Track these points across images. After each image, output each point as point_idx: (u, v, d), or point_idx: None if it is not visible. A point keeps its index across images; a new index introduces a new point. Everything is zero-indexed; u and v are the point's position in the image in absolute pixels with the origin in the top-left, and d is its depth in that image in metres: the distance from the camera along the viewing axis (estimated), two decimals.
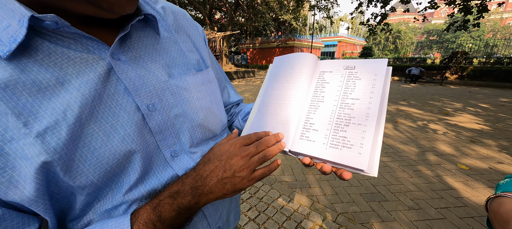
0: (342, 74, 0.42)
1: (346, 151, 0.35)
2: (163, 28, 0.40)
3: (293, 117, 0.41)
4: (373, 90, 0.38)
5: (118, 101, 0.31)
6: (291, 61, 0.47)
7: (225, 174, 0.35)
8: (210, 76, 0.45)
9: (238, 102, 0.64)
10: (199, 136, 0.41)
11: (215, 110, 0.44)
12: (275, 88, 0.47)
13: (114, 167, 0.30)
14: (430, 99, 6.71)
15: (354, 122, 0.36)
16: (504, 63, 11.13)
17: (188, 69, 0.41)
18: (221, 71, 0.58)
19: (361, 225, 1.70)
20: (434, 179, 2.32)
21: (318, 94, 0.42)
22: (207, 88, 0.43)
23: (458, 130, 3.87)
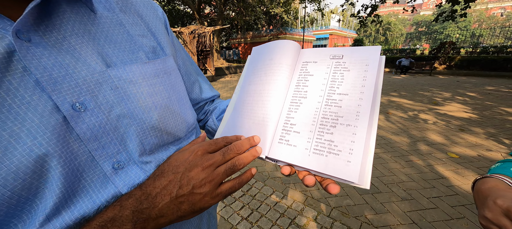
0: (328, 64, 0.36)
1: (332, 158, 0.29)
2: (102, 6, 0.32)
3: (271, 117, 0.35)
4: (365, 84, 0.32)
5: (24, 99, 0.23)
6: (270, 51, 0.40)
7: (181, 191, 0.28)
8: (168, 65, 0.37)
9: (213, 98, 0.56)
10: (154, 141, 0.33)
11: (175, 108, 0.36)
12: (252, 82, 0.40)
13: (18, 191, 0.22)
14: (420, 90, 6.82)
15: (342, 122, 0.31)
16: (489, 52, 11.44)
17: (136, 57, 0.33)
18: (191, 62, 0.50)
19: (355, 219, 1.68)
20: (425, 168, 2.33)
21: (300, 88, 0.36)
22: (164, 80, 0.35)
23: (448, 119, 3.93)
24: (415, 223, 1.62)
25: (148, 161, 0.32)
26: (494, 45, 13.10)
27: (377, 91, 0.32)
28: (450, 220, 1.64)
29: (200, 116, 0.55)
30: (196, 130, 0.44)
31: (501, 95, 5.81)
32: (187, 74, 0.47)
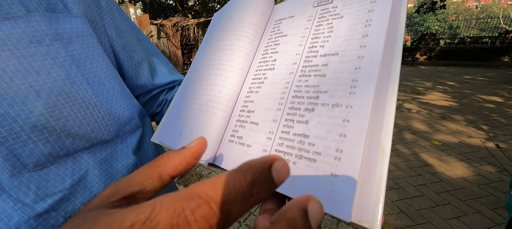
0: (310, 15, 0.24)
1: (304, 167, 0.17)
2: None
3: (220, 102, 0.24)
4: (369, 32, 0.19)
5: None
6: (230, 8, 0.29)
7: None
8: (68, 29, 0.25)
9: (173, 85, 0.44)
10: (42, 149, 0.21)
11: (85, 94, 0.25)
12: (203, 54, 0.29)
13: None
14: (404, 80, 7.01)
15: (325, 101, 0.19)
16: (466, 43, 12.00)
17: (9, 10, 0.21)
18: (138, 38, 0.38)
19: None
20: (411, 157, 2.36)
21: (266, 58, 0.25)
22: (57, 50, 0.23)
23: (430, 107, 4.05)
24: (403, 212, 1.61)
25: (29, 186, 0.21)
26: (470, 36, 13.78)
27: (395, 44, 0.18)
28: (436, 207, 1.66)
29: (154, 109, 0.43)
30: (139, 129, 0.32)
31: (478, 83, 6.10)
32: (126, 50, 0.35)
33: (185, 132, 0.24)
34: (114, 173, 0.27)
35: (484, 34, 14.15)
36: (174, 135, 0.25)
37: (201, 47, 0.32)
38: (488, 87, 5.56)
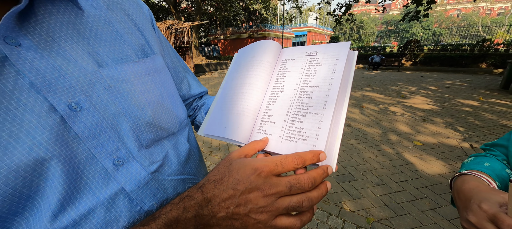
0: (304, 61, 0.38)
1: (301, 143, 0.31)
2: (88, 4, 0.32)
3: (251, 109, 0.37)
4: (333, 76, 0.34)
5: (21, 101, 0.23)
6: (253, 50, 0.43)
7: (237, 210, 0.26)
8: (157, 64, 0.38)
9: (201, 95, 0.57)
10: (149, 136, 0.34)
11: (167, 104, 0.38)
12: (235, 78, 0.42)
13: (20, 189, 0.23)
14: (390, 84, 7.37)
15: (311, 111, 0.33)
16: (448, 49, 12.70)
17: (127, 56, 0.34)
18: (178, 59, 0.51)
19: (334, 205, 1.80)
20: (395, 156, 2.56)
21: (278, 83, 0.39)
22: (155, 78, 0.36)
23: (413, 110, 4.33)
24: (386, 205, 1.78)
25: (146, 156, 0.33)
26: (452, 43, 14.59)
27: (346, 82, 0.34)
28: (415, 200, 1.84)
29: (189, 112, 0.56)
30: (188, 125, 0.45)
31: (457, 88, 6.53)
32: (175, 71, 0.48)
33: (229, 127, 0.37)
34: (180, 153, 0.39)
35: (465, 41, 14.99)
36: (220, 129, 0.39)
37: (232, 71, 0.45)
38: (466, 92, 5.97)
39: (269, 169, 0.27)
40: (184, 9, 21.18)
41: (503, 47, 10.94)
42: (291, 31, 30.33)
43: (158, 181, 0.35)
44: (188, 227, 0.26)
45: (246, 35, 23.44)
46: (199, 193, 0.28)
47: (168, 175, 0.36)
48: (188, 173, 0.41)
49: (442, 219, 1.64)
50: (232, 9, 18.26)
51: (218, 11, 18.16)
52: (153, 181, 0.34)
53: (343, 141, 2.99)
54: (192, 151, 0.44)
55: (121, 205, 0.30)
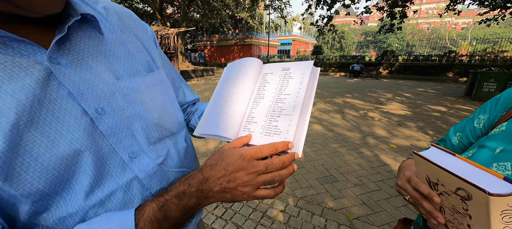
0: (280, 74, 0.48)
1: (276, 137, 0.40)
2: (106, 29, 0.40)
3: (239, 112, 0.46)
4: (301, 86, 0.43)
5: (62, 106, 0.31)
6: (240, 65, 0.53)
7: (228, 185, 0.35)
8: (161, 76, 0.46)
9: (194, 101, 0.65)
10: (156, 135, 0.42)
11: (169, 109, 0.45)
12: (225, 88, 0.51)
13: (62, 173, 0.30)
14: (369, 91, 7.83)
15: (284, 113, 0.42)
16: (420, 59, 13.77)
17: (137, 70, 0.42)
18: (175, 71, 0.59)
19: (318, 205, 1.91)
20: (373, 158, 2.75)
21: (260, 92, 0.48)
22: (160, 88, 0.44)
23: (389, 116, 4.65)
24: (364, 203, 1.92)
25: (153, 151, 0.41)
26: (423, 54, 15.85)
27: (311, 90, 0.43)
28: (390, 198, 2.00)
29: (185, 117, 0.63)
30: (185, 127, 0.53)
31: (428, 95, 7.11)
32: (173, 81, 0.56)
33: (220, 127, 0.45)
34: (179, 150, 0.47)
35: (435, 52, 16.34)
36: (213, 129, 0.46)
37: (222, 82, 0.53)
38: (435, 98, 6.52)
39: (251, 155, 0.36)
40: (170, 15, 20.99)
41: (466, 58, 12.12)
42: (276, 39, 31.09)
43: (163, 171, 0.42)
44: (192, 198, 0.34)
45: (232, 42, 23.65)
46: (200, 173, 0.36)
47: (171, 167, 0.44)
48: (186, 166, 0.49)
49: (414, 214, 1.80)
50: (218, 16, 18.43)
51: (204, 18, 18.23)
52: (159, 172, 0.41)
53: (326, 145, 3.15)
54: (189, 149, 0.52)
55: (135, 189, 0.38)
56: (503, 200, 0.27)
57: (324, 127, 3.95)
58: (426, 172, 0.38)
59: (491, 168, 0.42)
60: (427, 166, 0.36)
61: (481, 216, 0.30)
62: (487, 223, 0.29)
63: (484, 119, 0.53)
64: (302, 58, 20.99)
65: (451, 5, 8.28)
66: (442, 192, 0.36)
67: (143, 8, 19.82)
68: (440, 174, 0.34)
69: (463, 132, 0.56)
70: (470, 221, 0.33)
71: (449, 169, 0.32)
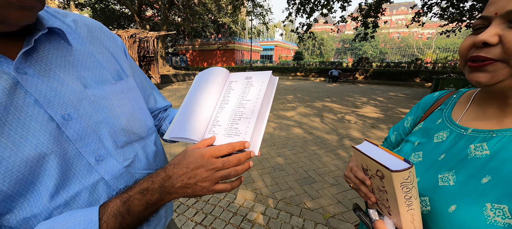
0: (243, 82, 0.53)
1: (235, 138, 0.45)
2: (75, 40, 0.42)
3: (205, 117, 0.50)
4: (259, 93, 0.48)
5: (28, 113, 0.32)
6: (209, 74, 0.57)
7: (189, 181, 0.38)
8: (130, 84, 0.49)
9: (166, 108, 0.68)
10: (124, 139, 0.44)
11: (138, 115, 0.48)
12: (194, 94, 0.55)
13: (26, 175, 0.31)
14: (346, 96, 8.25)
15: (244, 117, 0.47)
16: (391, 66, 14.84)
17: (106, 79, 0.44)
18: (146, 79, 0.62)
19: (296, 206, 1.97)
20: (348, 159, 2.91)
21: (225, 98, 0.52)
22: (128, 95, 0.47)
23: (364, 119, 4.95)
24: (340, 202, 2.03)
25: (121, 154, 0.43)
26: (394, 61, 17.11)
27: (269, 96, 0.49)
28: None
29: (156, 122, 0.66)
30: (155, 132, 0.55)
31: (399, 99, 7.68)
32: (144, 88, 0.59)
33: (188, 130, 0.48)
34: (148, 154, 0.49)
35: (404, 59, 17.73)
36: (181, 132, 0.49)
37: (192, 90, 0.56)
38: (405, 102, 7.07)
39: (210, 154, 0.40)
40: (149, 18, 20.36)
41: (431, 65, 13.34)
42: (259, 45, 31.55)
43: (130, 173, 0.44)
44: (155, 193, 0.37)
45: (215, 46, 23.54)
46: (163, 171, 0.39)
47: (138, 169, 0.47)
48: (154, 168, 0.51)
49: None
50: (200, 21, 18.27)
51: (186, 22, 17.96)
52: (126, 173, 0.43)
53: (305, 148, 3.26)
54: (158, 152, 0.54)
55: (101, 190, 0.39)
56: (400, 174, 0.35)
57: (304, 130, 4.09)
58: (361, 161, 0.45)
59: (409, 157, 0.52)
60: (360, 156, 0.43)
61: (391, 189, 0.38)
62: (394, 194, 0.37)
63: (411, 120, 0.63)
64: (284, 63, 21.50)
65: (416, 17, 9.10)
66: (371, 176, 0.43)
67: (120, 9, 19.02)
68: (367, 161, 0.41)
69: (398, 131, 0.67)
70: (387, 195, 0.40)
71: (372, 156, 0.39)
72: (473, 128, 0.45)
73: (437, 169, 0.45)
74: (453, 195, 0.40)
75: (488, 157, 0.39)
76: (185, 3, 16.24)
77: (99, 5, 16.86)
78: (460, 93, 0.56)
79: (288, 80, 15.18)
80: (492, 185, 0.36)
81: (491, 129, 0.42)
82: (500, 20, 0.36)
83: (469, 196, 0.38)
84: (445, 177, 0.43)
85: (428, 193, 0.44)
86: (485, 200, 0.36)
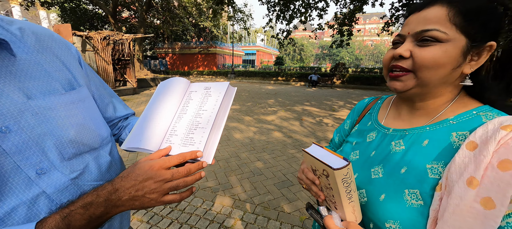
0: (202, 93, 0.54)
1: (190, 147, 0.46)
2: (20, 50, 0.39)
3: (163, 126, 0.50)
4: (216, 103, 0.50)
5: None
6: (169, 84, 0.57)
7: (136, 193, 0.38)
8: (83, 94, 0.48)
9: (127, 116, 0.66)
10: (72, 151, 0.42)
11: (90, 125, 0.47)
12: (153, 104, 0.55)
13: None
14: (324, 100, 8.58)
15: (200, 126, 0.48)
16: (365, 71, 15.79)
17: (54, 89, 0.42)
18: (104, 87, 0.60)
19: (274, 210, 1.99)
20: None
21: (184, 108, 0.53)
22: (79, 105, 0.45)
23: (341, 121, 5.18)
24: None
25: (67, 167, 0.41)
26: (368, 66, 18.24)
27: (224, 108, 0.51)
28: None
29: (115, 131, 0.64)
30: (111, 142, 0.54)
31: None
32: (101, 97, 0.57)
33: (144, 140, 0.48)
34: (101, 165, 0.48)
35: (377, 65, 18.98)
36: (137, 142, 0.48)
37: (153, 99, 0.56)
38: None
39: (159, 165, 0.41)
40: (126, 19, 19.44)
41: None
42: (241, 49, 31.69)
43: (78, 185, 0.43)
44: (99, 207, 0.37)
45: (196, 50, 23.15)
46: (110, 185, 0.39)
47: (88, 181, 0.45)
48: (108, 179, 0.49)
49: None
50: (181, 24, 17.89)
51: (165, 25, 17.48)
52: (73, 186, 0.42)
53: (284, 151, 3.32)
54: (114, 163, 0.53)
55: (42, 204, 0.37)
56: (341, 171, 0.39)
57: (283, 134, 4.16)
58: (310, 162, 0.48)
59: (349, 156, 0.58)
60: (309, 158, 0.47)
61: (335, 185, 0.41)
62: (338, 189, 0.41)
63: (349, 123, 0.70)
64: (266, 68, 21.81)
65: (385, 26, 9.87)
66: (319, 176, 0.47)
67: (93, 9, 17.94)
68: (315, 162, 0.45)
69: (340, 133, 0.74)
70: (332, 191, 0.44)
71: (318, 157, 0.43)
72: (394, 128, 0.53)
73: (370, 164, 0.52)
74: (382, 186, 0.47)
75: (404, 152, 0.48)
76: (165, 5, 15.82)
77: (69, 4, 15.72)
78: (382, 99, 0.66)
79: (270, 84, 15.40)
80: (407, 174, 0.44)
81: (405, 128, 0.51)
82: (411, 39, 0.45)
83: (393, 185, 0.45)
84: (376, 171, 0.50)
85: (365, 185, 0.50)
86: (404, 187, 0.43)
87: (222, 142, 3.64)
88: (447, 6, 0.41)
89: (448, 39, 0.41)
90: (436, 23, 0.42)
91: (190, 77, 20.77)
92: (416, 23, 0.44)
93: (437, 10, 0.42)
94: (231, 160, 2.98)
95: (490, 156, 0.34)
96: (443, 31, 0.41)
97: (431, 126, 0.47)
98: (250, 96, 9.00)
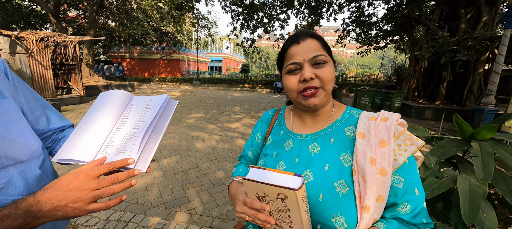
0: (143, 105, 0.54)
1: (121, 155, 0.46)
2: None
3: (100, 138, 0.49)
4: (154, 114, 0.51)
5: None
6: (108, 96, 0.56)
7: (58, 204, 0.38)
8: (7, 106, 0.46)
9: (63, 128, 0.63)
10: None
11: (15, 137, 0.45)
12: (90, 116, 0.54)
13: None
14: None
15: (135, 136, 0.48)
16: None
17: None
18: (35, 99, 0.58)
19: (233, 220, 1.95)
20: None
21: (123, 120, 0.53)
22: (2, 118, 0.43)
23: None
24: None
25: None
26: None
27: (164, 119, 0.52)
28: None
29: (48, 144, 0.61)
30: (42, 154, 0.52)
31: None
32: (31, 109, 0.55)
33: (77, 151, 0.47)
34: (28, 178, 0.45)
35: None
36: (70, 153, 0.48)
37: (90, 111, 0.54)
38: None
39: (86, 174, 0.41)
40: (73, 19, 17.21)
41: (353, 79, 16.12)
42: (207, 56, 31.14)
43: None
44: (18, 219, 0.37)
45: (157, 56, 21.86)
46: (32, 197, 0.39)
47: (12, 195, 0.43)
48: None
49: None
50: (139, 27, 16.72)
51: (121, 28, 16.07)
52: None
53: None
54: (45, 176, 0.51)
55: None
56: (302, 189, 0.39)
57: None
58: (255, 190, 0.44)
59: (276, 168, 0.58)
60: (254, 185, 0.43)
61: (294, 205, 0.41)
62: (298, 208, 0.41)
63: (260, 135, 0.72)
64: (232, 75, 21.81)
65: (339, 39, 10.98)
66: (269, 201, 0.43)
67: (30, 6, 15.44)
68: (265, 188, 0.41)
69: (253, 147, 0.73)
70: (289, 212, 0.43)
71: (268, 182, 0.40)
72: (305, 133, 0.59)
73: (299, 171, 0.54)
74: (316, 187, 0.50)
75: (321, 151, 0.55)
76: (121, 7, 14.59)
77: None
78: (282, 109, 0.71)
79: (236, 91, 15.42)
80: (330, 169, 0.51)
81: (314, 132, 0.59)
82: (308, 64, 0.53)
83: (324, 183, 0.50)
84: (306, 175, 0.53)
85: None
86: (332, 180, 0.50)
87: (181, 154, 3.46)
88: (317, 40, 0.55)
89: (328, 61, 0.54)
90: (318, 50, 0.53)
91: (151, 84, 19.44)
92: (305, 52, 0.53)
93: (313, 42, 0.54)
94: (190, 172, 2.84)
95: (374, 139, 0.48)
96: (325, 55, 0.54)
97: (330, 127, 0.58)
98: (215, 103, 8.84)
